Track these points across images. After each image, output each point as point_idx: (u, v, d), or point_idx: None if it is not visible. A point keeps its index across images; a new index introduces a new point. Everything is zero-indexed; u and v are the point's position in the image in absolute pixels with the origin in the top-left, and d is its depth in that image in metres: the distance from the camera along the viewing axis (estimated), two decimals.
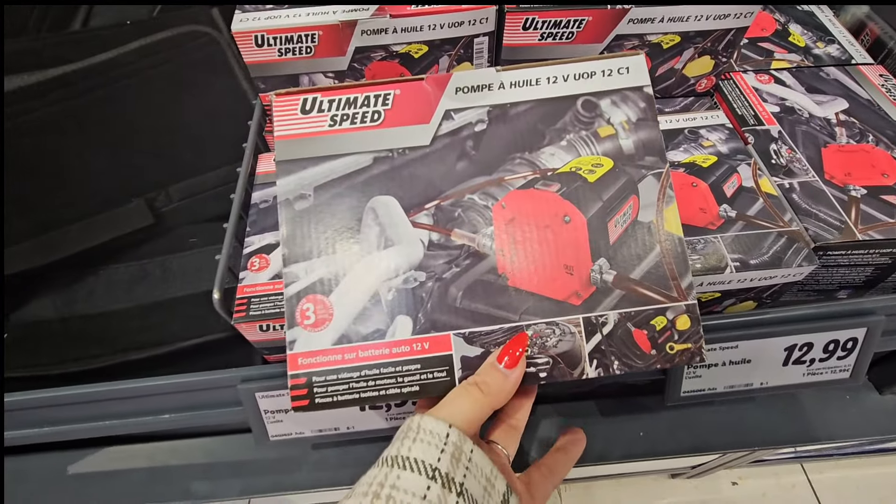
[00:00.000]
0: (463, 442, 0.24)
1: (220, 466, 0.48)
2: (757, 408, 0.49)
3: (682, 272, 0.28)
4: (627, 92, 0.30)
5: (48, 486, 0.47)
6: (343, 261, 0.28)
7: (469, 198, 0.29)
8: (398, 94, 0.30)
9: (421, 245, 0.28)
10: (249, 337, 0.35)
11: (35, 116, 0.51)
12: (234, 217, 0.37)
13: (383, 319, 0.27)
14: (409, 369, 0.27)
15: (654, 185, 0.29)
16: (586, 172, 0.29)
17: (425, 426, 0.24)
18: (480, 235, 0.28)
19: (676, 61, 0.41)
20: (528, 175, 0.29)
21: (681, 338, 0.27)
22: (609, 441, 0.49)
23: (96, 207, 0.52)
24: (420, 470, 0.23)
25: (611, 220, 0.29)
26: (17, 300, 0.53)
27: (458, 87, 0.30)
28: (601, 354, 0.27)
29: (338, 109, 0.30)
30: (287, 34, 0.37)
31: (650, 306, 0.27)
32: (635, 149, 0.30)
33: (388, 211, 0.29)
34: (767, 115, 0.43)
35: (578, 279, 0.28)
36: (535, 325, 0.27)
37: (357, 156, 0.29)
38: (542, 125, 0.30)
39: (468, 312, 0.27)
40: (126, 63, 0.54)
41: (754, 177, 0.38)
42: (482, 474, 0.24)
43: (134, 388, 0.37)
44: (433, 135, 0.30)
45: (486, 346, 0.27)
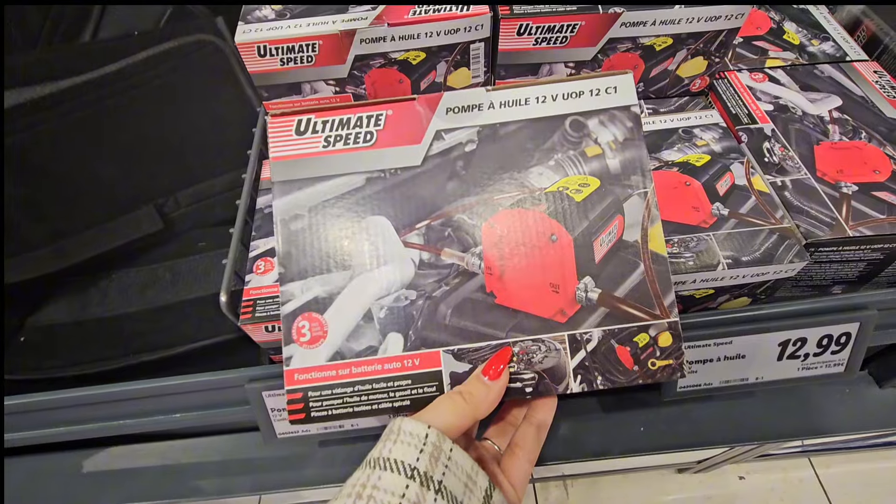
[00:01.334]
0: (442, 441, 0.25)
1: (230, 464, 0.49)
2: (757, 402, 0.50)
3: (664, 290, 0.29)
4: (615, 111, 0.31)
5: (65, 483, 0.49)
6: (337, 280, 0.29)
7: (459, 217, 0.30)
8: (390, 114, 0.31)
9: (412, 264, 0.29)
10: (256, 338, 0.36)
11: (49, 127, 0.52)
12: (240, 222, 0.38)
13: (375, 336, 0.29)
14: (400, 385, 0.28)
15: (639, 204, 0.30)
16: (573, 192, 0.30)
17: (405, 428, 0.25)
18: (469, 254, 0.29)
19: (670, 63, 0.42)
20: (516, 195, 0.30)
21: (662, 354, 0.28)
22: (610, 436, 0.50)
23: (107, 214, 0.53)
24: (399, 470, 0.24)
25: (596, 239, 0.29)
26: (34, 305, 0.55)
27: (448, 107, 0.31)
28: (585, 370, 0.28)
29: (331, 130, 0.30)
30: (288, 44, 0.38)
31: (633, 324, 0.28)
32: (622, 168, 0.30)
33: (380, 231, 0.30)
34: (761, 114, 0.43)
35: (564, 297, 0.29)
36: (521, 342, 0.28)
37: (350, 176, 0.30)
38: (531, 145, 0.31)
39: (457, 330, 0.29)
40: (134, 73, 0.56)
41: (747, 175, 0.39)
42: (462, 472, 0.25)
43: (145, 389, 0.38)
44: (424, 155, 0.30)
45: (474, 363, 0.28)
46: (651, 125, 0.43)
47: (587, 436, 0.50)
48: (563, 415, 0.51)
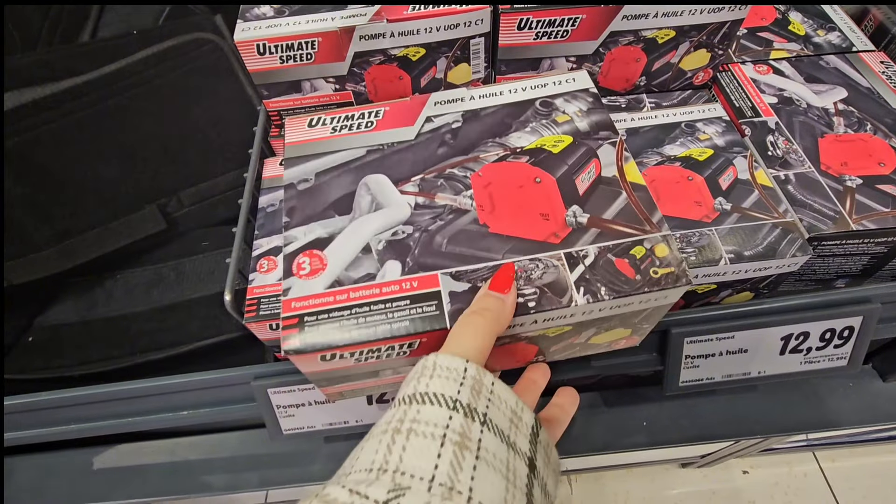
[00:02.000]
0: (482, 375, 0.24)
1: (237, 460, 0.50)
2: (760, 397, 0.50)
3: (650, 211, 0.30)
4: (577, 92, 0.37)
5: (76, 479, 0.50)
6: (338, 223, 0.31)
7: (449, 171, 0.33)
8: (387, 109, 0.37)
9: (408, 206, 0.32)
10: (260, 336, 0.37)
11: (51, 128, 0.53)
12: (243, 221, 0.39)
13: (374, 265, 0.29)
14: (399, 305, 0.28)
15: (610, 150, 0.33)
16: (550, 146, 0.34)
17: (441, 363, 0.24)
18: (461, 196, 0.32)
19: (672, 55, 0.42)
20: (500, 152, 0.34)
21: (662, 263, 0.28)
22: (613, 431, 0.50)
23: (111, 214, 0.54)
24: (440, 402, 0.22)
25: (577, 177, 0.32)
26: (41, 305, 0.55)
27: (436, 101, 0.37)
28: (587, 283, 0.28)
29: (337, 122, 0.36)
30: (287, 42, 0.38)
31: (627, 239, 0.29)
32: (590, 127, 0.35)
33: (378, 183, 0.33)
34: (765, 107, 0.43)
35: (555, 223, 0.30)
36: (518, 262, 0.29)
37: (353, 150, 0.35)
38: (509, 119, 0.36)
39: (454, 255, 0.30)
40: (134, 73, 0.56)
41: (750, 169, 0.39)
42: (507, 406, 0.24)
43: (152, 387, 0.38)
44: (417, 132, 0.35)
45: (472, 282, 0.28)
46: (653, 119, 0.43)
47: (590, 430, 0.50)
48: None
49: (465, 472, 0.20)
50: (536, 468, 0.23)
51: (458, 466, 0.20)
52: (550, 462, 0.25)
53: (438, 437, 0.21)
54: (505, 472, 0.21)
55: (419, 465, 0.20)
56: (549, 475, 0.24)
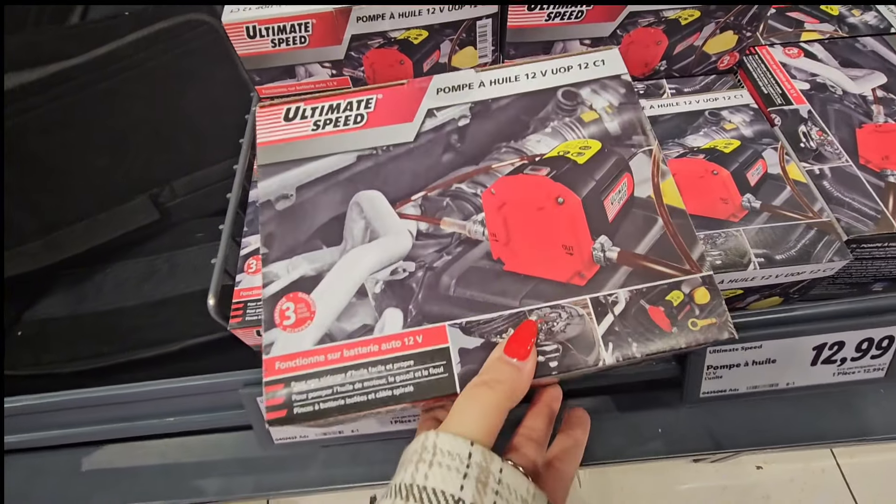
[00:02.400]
0: (489, 461, 0.21)
1: (230, 463, 0.48)
2: (784, 403, 0.47)
3: (690, 244, 0.26)
4: (606, 80, 0.31)
5: (64, 482, 0.48)
6: (326, 256, 0.27)
7: (457, 187, 0.28)
8: (380, 98, 0.31)
9: (409, 235, 0.27)
10: (247, 341, 0.34)
11: (37, 113, 0.50)
12: (231, 216, 0.36)
13: (370, 314, 0.25)
14: (401, 367, 0.24)
15: (645, 161, 0.28)
16: (575, 155, 0.29)
17: (442, 446, 0.21)
18: (471, 222, 0.27)
19: (696, 38, 0.38)
20: (515, 162, 0.29)
21: (702, 312, 0.25)
22: (626, 438, 0.47)
23: (101, 205, 0.52)
24: (440, 503, 0.19)
25: (606, 198, 0.27)
26: (28, 299, 0.53)
27: (439, 87, 0.31)
28: (616, 337, 0.24)
29: (321, 115, 0.30)
30: (280, 24, 0.36)
31: (662, 281, 0.25)
32: (621, 130, 0.30)
33: (372, 204, 0.28)
34: (796, 94, 0.39)
35: (580, 259, 0.26)
36: (538, 310, 0.25)
37: (340, 155, 0.29)
38: (526, 116, 0.30)
39: (463, 301, 0.26)
40: (126, 55, 0.53)
41: (781, 162, 0.35)
42: (517, 497, 0.21)
43: (137, 393, 0.36)
44: (417, 131, 0.30)
45: (485, 336, 0.25)
46: (674, 107, 0.39)
47: (601, 437, 0.47)
48: None
49: None
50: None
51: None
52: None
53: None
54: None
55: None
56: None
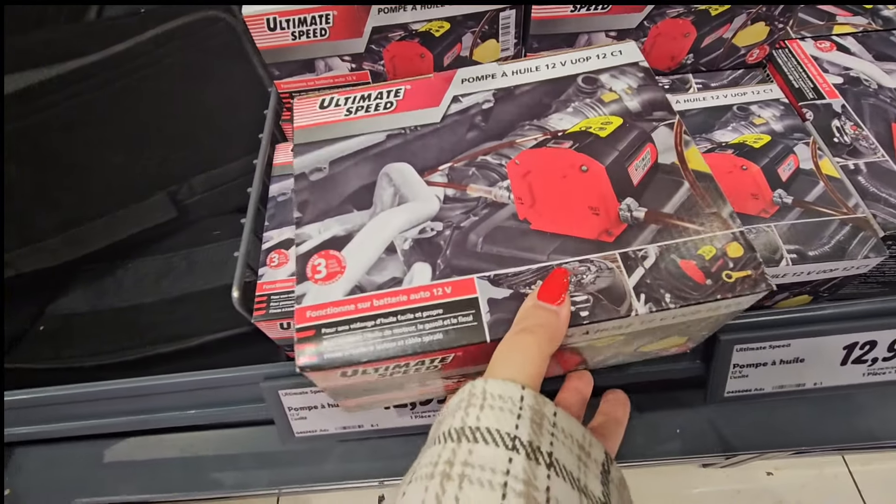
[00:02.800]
0: (543, 404, 0.20)
1: (249, 457, 0.48)
2: (807, 405, 0.46)
3: (718, 203, 0.26)
4: (624, 67, 0.32)
5: (85, 473, 0.49)
6: (357, 219, 0.28)
7: (482, 158, 0.29)
8: (409, 88, 0.33)
9: (436, 199, 0.28)
10: (270, 334, 0.34)
11: (57, 111, 0.50)
12: (252, 211, 0.36)
13: (399, 268, 0.26)
14: (430, 315, 0.24)
15: (667, 133, 0.29)
16: (597, 129, 0.29)
17: (492, 391, 0.20)
18: (497, 188, 0.28)
19: (726, 29, 0.37)
20: (538, 137, 0.30)
21: (736, 265, 0.24)
22: (643, 438, 0.47)
23: (120, 202, 0.52)
24: (496, 440, 0.18)
25: (630, 165, 0.28)
26: (50, 294, 0.54)
27: (464, 78, 0.33)
28: (648, 288, 0.24)
29: (353, 103, 0.32)
30: (300, 16, 0.35)
31: (693, 237, 0.25)
32: (642, 107, 0.30)
33: (401, 173, 0.29)
34: (829, 88, 0.38)
35: (606, 218, 0.26)
36: (566, 264, 0.25)
37: (370, 135, 0.31)
38: (547, 99, 0.31)
39: (491, 256, 0.26)
40: (143, 53, 0.53)
41: (813, 158, 0.34)
42: (573, 441, 0.20)
43: (159, 385, 0.37)
44: (443, 114, 0.31)
45: (514, 288, 0.25)
46: (701, 102, 0.39)
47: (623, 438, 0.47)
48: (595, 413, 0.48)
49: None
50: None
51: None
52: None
53: (498, 487, 0.17)
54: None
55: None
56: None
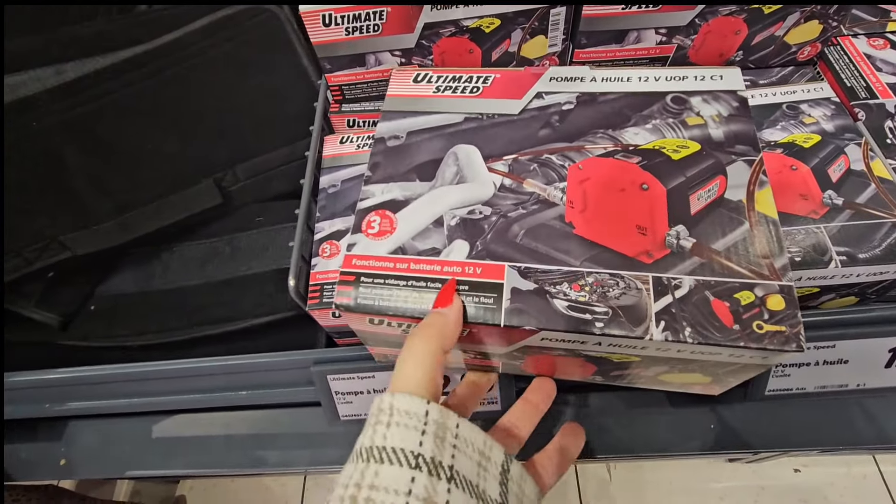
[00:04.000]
0: (446, 417, 0.22)
1: (291, 437, 0.50)
2: (843, 405, 0.46)
3: (775, 252, 0.25)
4: (720, 93, 0.31)
5: (136, 447, 0.51)
6: (417, 188, 0.30)
7: (546, 157, 0.30)
8: (498, 77, 0.34)
9: (493, 186, 0.29)
10: (322, 322, 0.36)
11: (111, 99, 0.52)
12: (305, 203, 0.37)
13: (441, 241, 0.28)
14: (458, 289, 0.26)
15: (744, 169, 0.28)
16: (670, 151, 0.29)
17: (399, 406, 0.21)
18: (552, 187, 0.29)
19: (778, 27, 0.37)
20: (608, 147, 0.30)
21: (772, 318, 0.23)
22: (674, 432, 0.47)
23: (169, 188, 0.54)
24: (400, 460, 0.20)
25: (693, 194, 0.27)
26: (101, 275, 0.56)
27: (552, 76, 0.33)
28: (670, 317, 0.24)
29: (443, 82, 0.34)
30: (355, 12, 0.36)
31: (734, 279, 0.24)
32: (725, 138, 0.29)
33: (467, 155, 0.31)
34: (882, 87, 0.38)
35: (652, 240, 0.26)
36: (596, 274, 0.25)
37: (451, 114, 0.33)
38: (629, 111, 0.31)
39: (527, 249, 0.27)
40: (192, 43, 0.55)
41: (865, 159, 0.34)
42: (474, 449, 0.22)
43: (214, 367, 0.38)
44: (523, 108, 0.32)
45: (540, 283, 0.25)
46: (750, 100, 0.38)
47: (650, 430, 0.48)
48: (626, 406, 0.49)
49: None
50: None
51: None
52: (525, 496, 0.23)
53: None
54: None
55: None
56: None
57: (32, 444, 0.52)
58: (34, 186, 0.52)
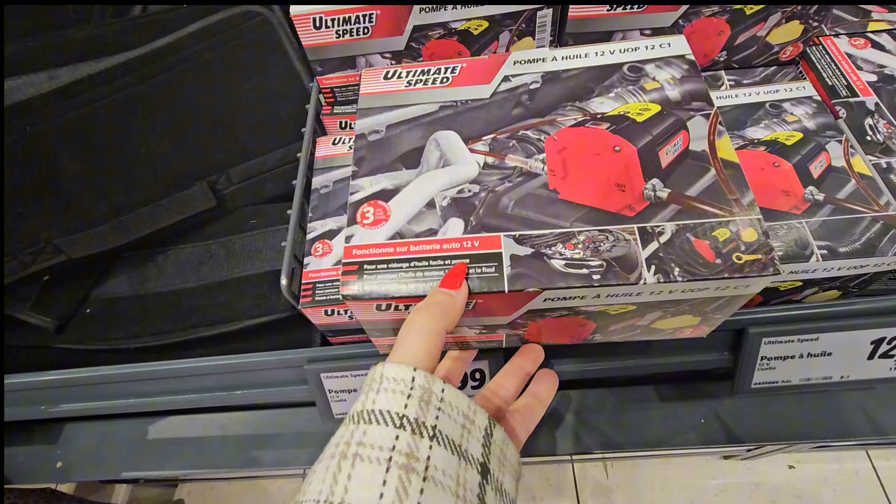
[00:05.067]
0: (432, 383, 0.23)
1: (286, 437, 0.51)
2: (830, 398, 0.47)
3: (741, 190, 0.27)
4: (671, 58, 0.33)
5: (132, 448, 0.52)
6: (405, 176, 0.31)
7: (523, 133, 0.31)
8: (465, 66, 0.35)
9: (477, 165, 0.31)
10: (315, 321, 0.36)
11: (105, 103, 0.53)
12: (297, 203, 0.38)
13: (436, 221, 0.29)
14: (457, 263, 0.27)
15: (703, 122, 0.30)
16: (635, 115, 0.31)
17: (388, 374, 0.23)
18: (533, 159, 0.30)
19: (760, 28, 0.38)
20: (578, 117, 0.32)
21: (748, 249, 0.26)
22: (667, 427, 0.48)
23: (163, 191, 0.54)
24: (386, 420, 0.22)
25: (661, 149, 0.29)
26: (96, 279, 0.56)
27: (516, 60, 0.35)
28: (660, 261, 0.26)
29: (413, 76, 0.35)
30: (345, 15, 0.37)
31: (710, 219, 0.27)
32: (681, 97, 0.31)
33: (448, 140, 0.32)
34: (862, 85, 0.39)
35: (631, 195, 0.28)
36: (587, 231, 0.27)
37: (425, 105, 0.34)
38: (592, 83, 0.33)
39: (519, 218, 0.28)
40: (184, 47, 0.55)
41: (846, 155, 0.35)
42: (458, 412, 0.23)
43: (208, 367, 0.39)
44: (493, 91, 0.34)
45: (536, 247, 0.27)
46: (733, 99, 0.39)
47: (643, 425, 0.48)
48: (618, 402, 0.50)
49: (411, 497, 0.20)
50: (490, 472, 0.23)
51: (404, 492, 0.20)
52: (507, 460, 0.24)
53: (384, 462, 0.20)
54: (455, 487, 0.21)
55: (363, 495, 0.20)
56: (504, 474, 0.24)
57: (29, 448, 0.53)
58: (29, 190, 0.52)
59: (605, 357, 0.37)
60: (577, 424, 0.49)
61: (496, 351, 0.37)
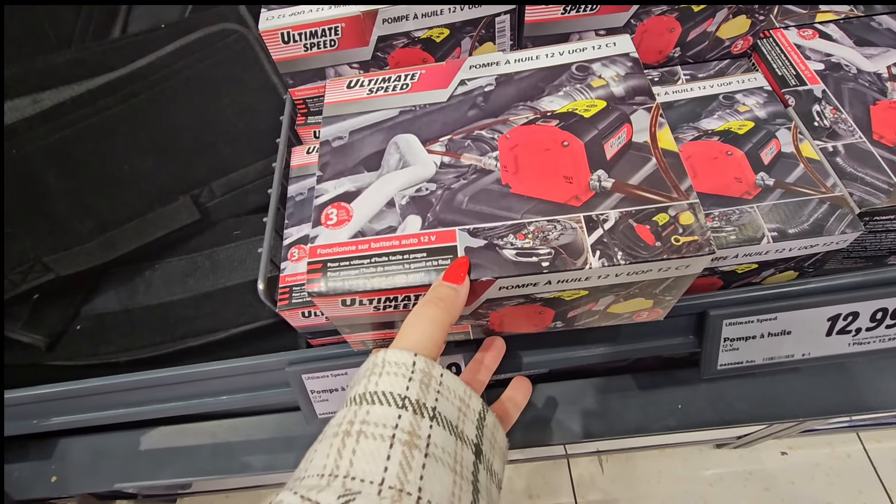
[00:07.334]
0: (432, 367, 0.24)
1: (275, 441, 0.52)
2: (803, 378, 0.48)
3: (679, 178, 0.29)
4: (616, 57, 0.35)
5: (123, 460, 0.52)
6: (366, 178, 0.32)
7: (477, 132, 0.33)
8: (423, 72, 0.37)
9: (434, 165, 0.32)
10: (293, 323, 0.37)
11: (89, 123, 0.54)
12: (273, 210, 0.39)
13: (396, 219, 0.30)
14: (415, 257, 0.29)
15: (645, 116, 0.32)
16: (582, 111, 0.33)
17: (390, 359, 0.24)
18: (486, 157, 0.32)
19: (709, 24, 0.40)
20: (529, 116, 0.33)
21: (685, 231, 0.27)
22: (646, 414, 0.49)
23: (148, 206, 0.55)
24: (389, 401, 0.23)
25: (606, 142, 0.31)
26: (85, 295, 0.58)
27: (472, 64, 0.37)
28: (604, 246, 0.27)
29: (375, 84, 0.37)
30: (311, 29, 0.38)
31: (651, 205, 0.28)
32: (625, 93, 0.33)
33: (407, 142, 0.34)
34: (810, 74, 0.40)
35: (578, 186, 0.30)
36: (536, 222, 0.29)
37: (386, 111, 0.35)
38: (542, 84, 0.35)
39: (473, 213, 0.30)
40: (164, 66, 0.57)
41: (794, 141, 0.37)
42: (455, 396, 0.24)
43: (192, 374, 0.40)
44: (450, 95, 0.35)
45: (488, 239, 0.29)
46: (689, 92, 0.41)
47: (623, 413, 0.49)
48: (599, 392, 0.51)
49: (413, 471, 0.21)
50: (482, 453, 0.24)
51: (408, 466, 0.21)
52: (497, 443, 0.26)
53: (388, 438, 0.22)
54: (453, 464, 0.22)
55: (369, 468, 0.21)
56: (494, 456, 0.25)
57: (24, 464, 0.54)
58: (17, 211, 0.53)
59: (574, 346, 0.39)
60: (560, 415, 0.50)
61: (468, 343, 0.38)
